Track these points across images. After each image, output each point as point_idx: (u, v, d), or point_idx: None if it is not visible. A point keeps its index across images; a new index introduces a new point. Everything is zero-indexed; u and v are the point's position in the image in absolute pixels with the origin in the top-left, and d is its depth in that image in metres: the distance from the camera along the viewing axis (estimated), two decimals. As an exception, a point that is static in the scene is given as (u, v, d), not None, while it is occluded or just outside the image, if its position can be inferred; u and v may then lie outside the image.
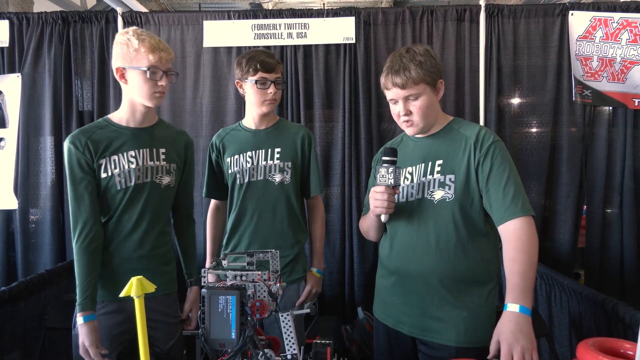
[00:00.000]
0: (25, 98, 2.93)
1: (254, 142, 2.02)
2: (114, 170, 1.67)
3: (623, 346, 1.10)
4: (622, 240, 2.84)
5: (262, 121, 2.04)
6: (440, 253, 1.50)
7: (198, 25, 2.96)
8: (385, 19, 2.93)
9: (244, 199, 2.00)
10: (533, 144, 2.92)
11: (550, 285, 2.36)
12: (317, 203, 2.14)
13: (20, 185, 2.93)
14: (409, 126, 1.56)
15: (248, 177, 1.99)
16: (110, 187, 1.67)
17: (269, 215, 1.99)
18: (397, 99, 1.54)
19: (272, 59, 1.96)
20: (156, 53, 1.64)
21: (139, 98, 1.69)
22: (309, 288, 2.04)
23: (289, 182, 2.00)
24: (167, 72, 1.69)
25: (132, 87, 1.68)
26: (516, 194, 1.43)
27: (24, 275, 2.85)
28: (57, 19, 2.92)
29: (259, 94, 1.95)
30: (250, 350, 1.15)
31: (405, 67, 1.49)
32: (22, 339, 2.15)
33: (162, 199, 1.77)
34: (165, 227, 1.80)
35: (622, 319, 1.74)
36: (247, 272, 1.20)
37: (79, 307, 1.59)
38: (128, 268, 1.68)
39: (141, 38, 1.65)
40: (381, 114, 2.96)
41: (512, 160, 1.51)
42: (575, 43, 2.84)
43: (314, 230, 2.14)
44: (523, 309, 1.32)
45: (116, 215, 1.69)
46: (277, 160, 1.99)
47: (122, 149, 1.69)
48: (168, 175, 1.77)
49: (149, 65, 1.64)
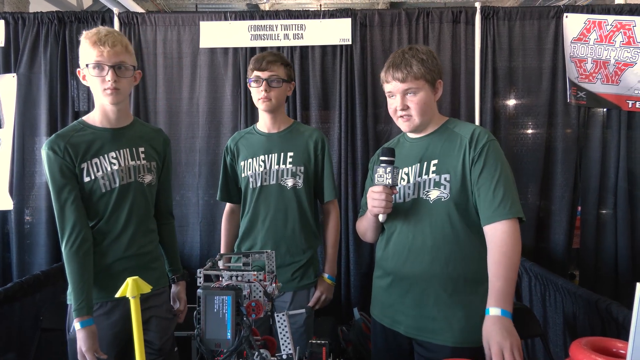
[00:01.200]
0: (21, 98, 2.93)
1: (267, 146, 1.99)
2: (97, 173, 1.64)
3: (616, 345, 1.10)
4: (616, 241, 2.86)
5: (274, 124, 2.01)
6: (436, 253, 1.50)
7: (195, 26, 2.96)
8: (382, 21, 2.94)
9: (257, 203, 1.98)
10: (528, 145, 2.94)
11: (544, 286, 2.38)
12: (331, 208, 2.09)
13: (16, 185, 2.92)
14: (405, 121, 1.56)
15: (261, 181, 1.97)
16: (95, 191, 1.64)
17: (281, 220, 1.96)
18: (395, 92, 1.54)
19: (270, 57, 1.95)
20: (97, 47, 1.57)
21: (97, 97, 1.66)
22: (318, 294, 2.00)
23: (301, 186, 1.97)
24: (116, 66, 1.60)
25: (91, 87, 1.65)
26: (505, 195, 1.42)
27: (19, 276, 2.84)
28: (53, 19, 2.92)
29: (254, 93, 1.96)
30: (246, 351, 1.15)
31: (407, 62, 1.51)
32: (17, 340, 2.14)
33: (146, 198, 1.76)
34: (151, 224, 1.80)
35: (616, 319, 1.75)
36: (243, 273, 1.20)
37: (75, 313, 1.56)
38: (120, 268, 1.68)
39: (88, 34, 1.60)
40: (377, 115, 2.97)
41: (507, 161, 1.52)
42: (569, 45, 2.86)
43: (327, 235, 2.09)
44: (505, 312, 1.34)
45: (105, 218, 1.67)
46: (290, 165, 1.96)
47: (102, 151, 1.66)
48: (149, 174, 1.76)
49: (93, 62, 1.59)
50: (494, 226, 1.42)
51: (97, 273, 1.65)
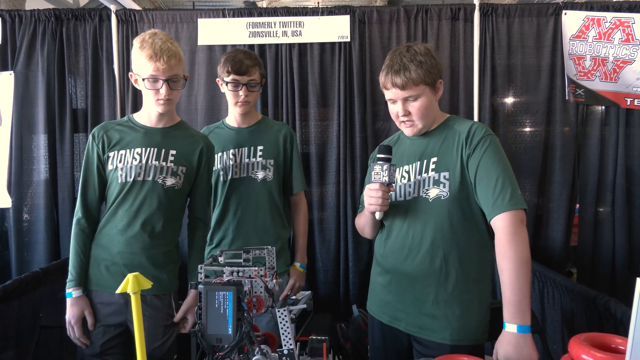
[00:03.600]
0: (18, 96, 2.91)
1: (236, 140, 2.07)
2: (118, 163, 1.72)
3: (614, 341, 1.11)
4: (614, 239, 2.86)
5: (244, 119, 2.08)
6: (435, 251, 1.50)
7: (192, 23, 2.95)
8: (380, 18, 2.94)
9: (227, 196, 2.05)
10: (526, 143, 2.94)
11: (543, 283, 2.38)
12: (299, 199, 2.18)
13: (14, 183, 2.91)
14: (408, 127, 1.56)
15: (231, 174, 2.04)
16: (113, 180, 1.74)
17: (252, 212, 2.03)
18: (396, 99, 1.54)
19: (249, 60, 1.98)
20: (153, 62, 1.63)
21: (146, 100, 1.74)
22: (292, 282, 2.10)
23: (271, 179, 2.05)
24: (170, 79, 1.67)
25: (142, 92, 1.73)
26: (504, 187, 1.41)
27: (18, 273, 2.83)
28: (50, 17, 2.90)
29: (232, 96, 2.02)
30: (247, 346, 1.15)
31: (406, 67, 1.48)
32: (16, 337, 2.14)
33: (161, 200, 1.75)
34: (165, 228, 1.77)
35: (614, 315, 1.76)
36: (244, 268, 1.21)
37: (67, 285, 1.72)
38: (119, 262, 1.72)
39: (144, 45, 1.64)
40: (376, 113, 2.97)
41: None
42: (568, 42, 2.86)
43: (297, 226, 2.18)
44: (521, 328, 1.31)
45: (112, 208, 1.74)
46: (260, 158, 2.04)
47: (130, 145, 1.74)
48: (173, 177, 1.76)
49: (148, 75, 1.65)
50: (495, 220, 1.41)
51: (95, 258, 1.74)
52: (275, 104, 2.94)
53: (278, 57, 2.93)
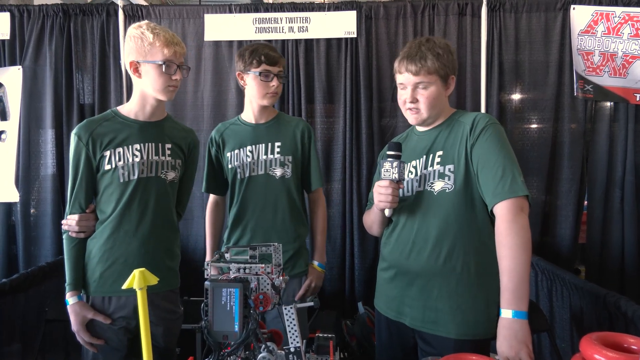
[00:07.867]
0: (26, 91, 2.93)
1: (254, 136, 2.01)
2: (117, 162, 1.67)
3: (627, 340, 1.09)
4: (623, 235, 2.84)
5: (261, 115, 2.02)
6: (440, 245, 1.49)
7: (199, 19, 2.95)
8: (387, 13, 2.92)
9: (245, 194, 1.99)
10: (534, 140, 2.92)
11: (551, 281, 2.37)
12: (318, 196, 2.12)
13: (21, 178, 2.93)
14: (413, 114, 1.55)
15: (249, 171, 1.98)
16: (113, 180, 1.67)
17: (271, 210, 1.97)
18: (406, 84, 1.53)
19: (275, 52, 1.96)
20: (171, 47, 1.65)
21: (152, 92, 1.68)
22: (308, 281, 2.03)
23: (289, 176, 1.99)
24: (181, 66, 1.69)
25: (146, 81, 1.67)
26: (505, 175, 1.39)
27: (25, 267, 2.85)
28: (58, 12, 2.91)
29: (262, 87, 1.94)
30: (253, 343, 1.15)
31: (423, 55, 1.49)
32: (23, 330, 2.15)
33: (167, 195, 1.75)
34: (169, 222, 1.78)
35: (625, 314, 1.74)
36: (251, 265, 1.20)
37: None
38: (134, 263, 1.66)
39: (155, 32, 1.64)
40: (382, 109, 2.95)
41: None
42: (576, 38, 2.83)
43: (315, 224, 2.11)
44: (516, 313, 1.30)
45: (119, 209, 1.67)
46: (278, 155, 1.98)
47: (127, 142, 1.68)
48: (173, 171, 1.76)
49: (164, 59, 1.64)
50: (495, 209, 1.40)
51: (111, 264, 1.67)
52: (281, 100, 2.93)
53: (284, 53, 2.92)
